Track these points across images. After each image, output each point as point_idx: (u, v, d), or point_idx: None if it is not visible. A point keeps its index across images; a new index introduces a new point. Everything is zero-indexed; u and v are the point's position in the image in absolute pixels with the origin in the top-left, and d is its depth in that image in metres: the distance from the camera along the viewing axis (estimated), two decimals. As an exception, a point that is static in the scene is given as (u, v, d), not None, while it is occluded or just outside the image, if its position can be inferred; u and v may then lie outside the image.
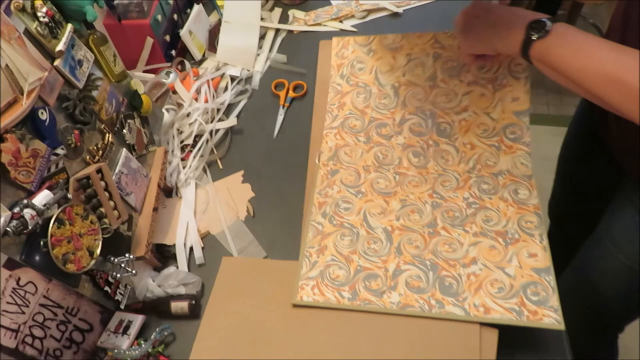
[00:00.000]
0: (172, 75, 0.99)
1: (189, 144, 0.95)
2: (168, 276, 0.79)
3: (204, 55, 1.10)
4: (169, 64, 1.03)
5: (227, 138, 0.98)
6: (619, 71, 0.59)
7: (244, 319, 0.73)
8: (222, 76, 1.04)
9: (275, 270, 0.78)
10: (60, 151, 0.65)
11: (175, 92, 0.98)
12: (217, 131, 0.97)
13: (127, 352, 0.72)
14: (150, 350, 0.72)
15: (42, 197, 0.60)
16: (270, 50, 1.11)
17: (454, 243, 0.77)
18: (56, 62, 0.66)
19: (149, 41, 0.97)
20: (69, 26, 0.68)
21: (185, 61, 1.06)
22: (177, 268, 0.82)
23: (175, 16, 1.06)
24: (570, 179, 1.16)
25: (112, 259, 0.72)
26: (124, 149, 0.78)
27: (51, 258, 0.61)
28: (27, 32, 0.63)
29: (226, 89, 1.03)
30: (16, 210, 0.57)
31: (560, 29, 0.65)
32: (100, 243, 0.68)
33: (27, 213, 0.58)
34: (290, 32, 1.15)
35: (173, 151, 0.92)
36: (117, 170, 0.75)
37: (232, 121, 0.97)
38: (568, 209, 1.22)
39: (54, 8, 0.66)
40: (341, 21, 1.14)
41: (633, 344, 1.43)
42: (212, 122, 0.97)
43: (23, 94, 0.59)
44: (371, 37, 0.96)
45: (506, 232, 0.77)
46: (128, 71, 0.82)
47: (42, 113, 0.62)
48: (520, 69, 0.86)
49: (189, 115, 0.98)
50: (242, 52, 1.08)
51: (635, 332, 1.38)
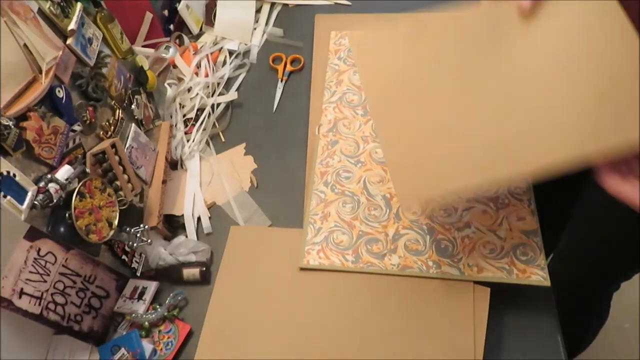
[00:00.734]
0: (171, 50, 1.01)
1: (191, 118, 0.98)
2: (179, 245, 0.83)
3: (201, 29, 1.11)
4: (167, 38, 1.05)
5: (228, 112, 1.01)
6: None
7: (253, 283, 0.78)
8: (221, 50, 1.06)
9: (281, 237, 0.83)
10: (77, 127, 0.67)
11: (175, 66, 1.00)
12: (219, 105, 1.00)
13: (144, 316, 0.76)
14: (165, 314, 0.77)
15: (64, 172, 0.63)
16: (267, 24, 1.13)
17: (448, 208, 0.82)
18: (68, 41, 0.68)
19: (149, 16, 0.98)
20: (79, 5, 0.70)
21: (183, 35, 1.07)
22: (187, 237, 0.86)
23: (173, -10, 1.07)
24: None
25: (128, 229, 0.76)
26: (133, 124, 0.81)
27: (74, 229, 0.65)
28: (40, 12, 0.65)
29: (225, 63, 1.05)
30: (41, 184, 0.61)
31: None
32: (118, 214, 0.72)
33: (52, 187, 0.61)
34: (285, 5, 1.16)
35: (176, 125, 0.95)
36: (127, 145, 0.78)
37: (232, 95, 1.00)
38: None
39: (64, -13, 0.68)
40: (336, -7, 1.16)
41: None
42: (212, 96, 1.00)
43: (42, 73, 0.62)
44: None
45: (497, 197, 0.82)
46: (130, 47, 0.84)
47: (59, 91, 0.65)
48: None
49: (189, 90, 1.00)
50: (239, 26, 1.10)
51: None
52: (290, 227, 0.86)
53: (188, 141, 0.95)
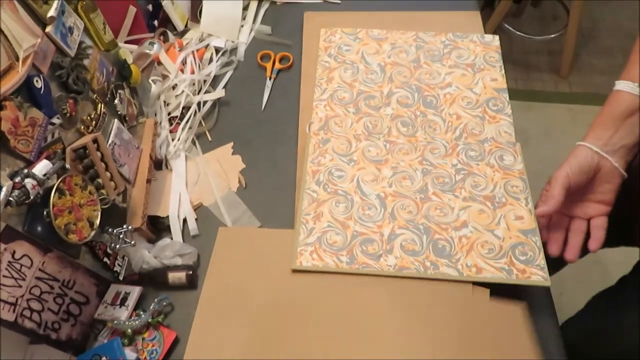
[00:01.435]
0: (155, 46, 0.97)
1: (176, 116, 0.94)
2: (164, 247, 0.79)
3: (186, 25, 1.08)
4: (151, 34, 1.01)
5: (215, 110, 0.97)
6: None
7: (243, 286, 0.75)
8: (207, 47, 1.03)
9: (272, 239, 0.80)
10: (56, 120, 0.63)
11: (160, 63, 0.96)
12: (205, 103, 0.96)
13: (127, 322, 0.72)
14: (150, 320, 0.73)
15: (42, 167, 0.59)
16: (254, 21, 1.10)
17: (445, 208, 0.79)
18: (48, 29, 0.64)
19: (132, 10, 0.95)
20: (59, -9, 0.66)
21: (167, 32, 1.04)
22: (172, 239, 0.82)
23: (157, -15, 1.03)
24: None
25: (110, 230, 0.71)
26: (116, 120, 0.77)
27: (53, 228, 0.60)
28: (18, -3, 0.61)
29: (211, 60, 1.02)
30: (17, 180, 0.56)
31: None
32: (99, 214, 0.67)
33: (29, 183, 0.57)
34: (273, 3, 1.14)
35: (161, 123, 0.91)
36: (110, 141, 0.74)
37: (219, 92, 0.96)
38: None
39: (44, -28, 0.64)
40: (324, -8, 1.14)
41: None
42: (199, 93, 0.96)
43: (18, 61, 0.58)
44: (358, 29, 1.03)
45: (494, 196, 0.80)
46: (112, 41, 0.80)
47: (37, 81, 0.61)
48: None
49: (174, 87, 0.96)
50: (225, 22, 1.06)
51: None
52: (281, 228, 0.83)
53: (173, 140, 0.91)
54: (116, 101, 0.77)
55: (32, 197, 0.57)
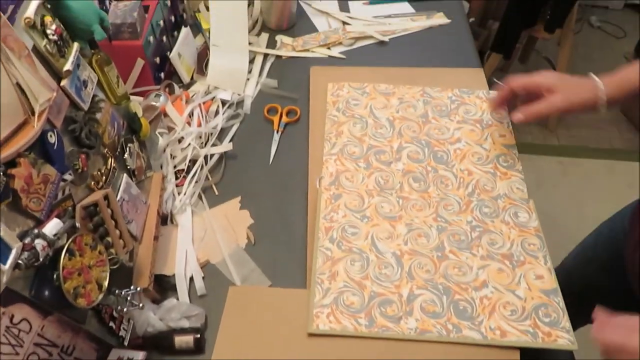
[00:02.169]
0: (162, 98, 0.96)
1: (182, 170, 0.91)
2: (171, 309, 0.74)
3: (192, 78, 1.07)
4: (157, 86, 1.00)
5: (222, 163, 0.95)
6: None
7: (257, 351, 0.70)
8: (213, 100, 1.02)
9: (285, 299, 0.76)
10: (68, 176, 0.60)
11: (166, 115, 0.95)
12: (212, 156, 0.94)
13: (130, 392, 0.67)
14: (154, 388, 0.68)
15: (53, 226, 0.56)
16: (260, 74, 1.10)
17: (463, 266, 0.77)
18: (63, 82, 0.62)
19: (140, 62, 0.94)
20: (76, 45, 0.65)
21: (173, 84, 1.03)
22: (178, 299, 0.78)
23: (165, 38, 1.03)
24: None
25: (117, 291, 0.67)
26: (125, 175, 0.74)
27: (61, 293, 0.56)
28: (35, 50, 0.59)
29: (217, 113, 1.01)
30: (27, 240, 0.53)
31: None
32: (108, 275, 0.63)
33: (39, 244, 0.53)
34: (278, 57, 1.14)
35: (167, 176, 0.89)
36: (118, 197, 0.71)
37: (227, 146, 0.94)
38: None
39: (62, 26, 0.63)
40: (329, 48, 1.15)
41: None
42: (205, 146, 0.94)
43: (34, 115, 0.55)
44: (365, 83, 1.03)
45: (512, 254, 0.79)
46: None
47: (50, 136, 0.58)
48: None
49: (180, 140, 0.94)
50: (232, 75, 1.06)
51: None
52: (291, 286, 0.79)
53: (179, 194, 0.88)
54: (126, 155, 0.75)
55: (41, 259, 0.53)
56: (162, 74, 1.03)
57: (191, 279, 0.81)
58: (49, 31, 0.60)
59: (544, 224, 0.83)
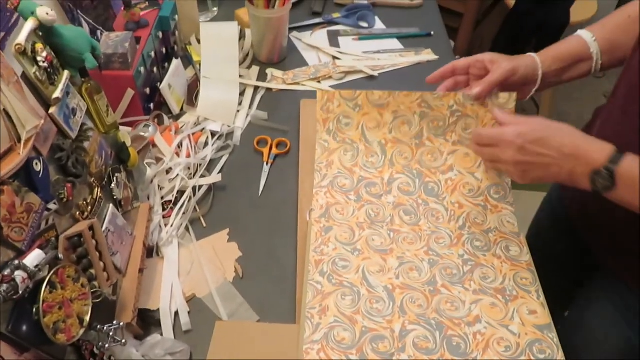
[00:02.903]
0: (151, 129, 0.95)
1: (169, 201, 0.90)
2: (154, 345, 0.71)
3: (182, 109, 1.07)
4: (146, 117, 0.99)
5: (210, 195, 0.94)
6: None
7: (244, 390, 0.68)
8: (203, 131, 1.01)
9: (274, 335, 0.74)
10: (52, 206, 0.59)
11: (155, 146, 0.94)
12: (200, 187, 0.93)
13: None
14: None
15: (34, 258, 0.53)
16: (250, 106, 1.10)
17: (455, 301, 0.76)
18: (51, 110, 0.61)
19: (130, 93, 0.93)
20: (66, 73, 0.64)
21: (162, 114, 1.02)
22: (162, 335, 0.75)
23: (155, 69, 1.03)
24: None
25: (99, 326, 0.64)
26: (111, 205, 0.72)
27: (40, 328, 0.54)
28: (24, 77, 0.58)
29: (206, 144, 1.00)
30: (7, 272, 0.50)
31: (627, 170, 0.62)
32: (90, 309, 0.61)
33: (19, 275, 0.51)
34: (269, 90, 1.14)
35: (154, 208, 0.87)
36: (104, 228, 0.69)
37: (216, 177, 0.93)
38: None
39: (53, 53, 0.62)
40: (319, 81, 1.16)
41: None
42: (194, 177, 0.93)
43: (20, 142, 0.54)
44: (357, 92, 0.94)
45: (504, 289, 0.78)
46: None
47: (36, 164, 0.57)
48: None
49: (168, 171, 0.93)
50: (222, 107, 1.06)
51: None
52: (280, 321, 0.77)
53: (166, 225, 0.86)
54: (113, 185, 0.73)
55: (20, 292, 0.51)
56: (152, 105, 1.02)
57: (176, 313, 0.78)
58: (39, 58, 0.59)
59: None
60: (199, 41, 1.19)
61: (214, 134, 1.02)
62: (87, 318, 0.60)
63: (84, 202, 0.66)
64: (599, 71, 0.85)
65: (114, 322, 0.66)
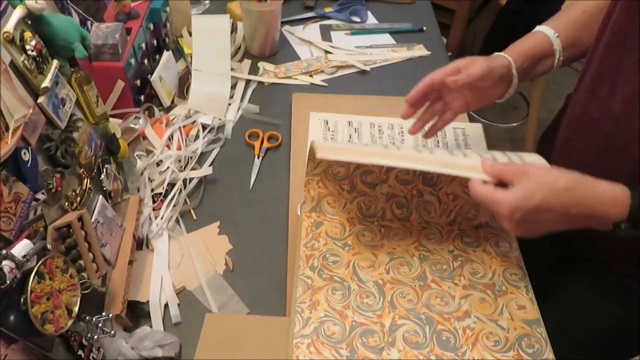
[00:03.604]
0: (141, 121, 0.94)
1: (160, 193, 0.89)
2: (143, 337, 0.71)
3: (172, 101, 1.06)
4: (136, 109, 0.98)
5: (201, 187, 0.93)
6: None
7: (233, 382, 0.67)
8: (193, 124, 1.01)
9: (264, 328, 0.74)
10: (40, 196, 0.58)
11: (145, 138, 0.93)
12: (191, 180, 0.92)
13: None
14: (123, 423, 0.64)
15: (22, 247, 0.53)
16: (242, 100, 1.09)
17: (445, 296, 0.76)
18: (40, 100, 0.60)
19: (120, 84, 0.92)
20: (55, 62, 0.63)
21: (153, 107, 1.01)
22: (151, 327, 0.75)
23: (146, 61, 1.02)
24: None
25: (88, 318, 0.64)
26: (100, 196, 0.72)
27: (27, 318, 0.53)
28: (13, 66, 0.57)
29: (197, 137, 0.99)
30: (-7, 262, 0.50)
31: None
32: (79, 300, 0.60)
33: (6, 265, 0.50)
34: (260, 83, 1.14)
35: (144, 200, 0.86)
36: (93, 219, 0.69)
37: (207, 170, 0.93)
38: None
39: (42, 42, 0.61)
40: (311, 75, 1.16)
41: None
42: (184, 170, 0.92)
43: (8, 131, 0.53)
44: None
45: (494, 284, 0.78)
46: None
47: (24, 153, 0.56)
48: None
49: (159, 163, 0.92)
50: (214, 100, 1.05)
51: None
52: (270, 314, 0.77)
53: (156, 218, 0.86)
54: (102, 176, 0.73)
55: (8, 282, 0.50)
56: (142, 97, 1.01)
57: (166, 305, 0.78)
58: (28, 47, 0.58)
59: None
60: (190, 34, 1.18)
61: (205, 126, 1.01)
62: (76, 309, 0.60)
63: (73, 193, 0.65)
64: (559, 67, 0.86)
65: (103, 314, 0.65)
